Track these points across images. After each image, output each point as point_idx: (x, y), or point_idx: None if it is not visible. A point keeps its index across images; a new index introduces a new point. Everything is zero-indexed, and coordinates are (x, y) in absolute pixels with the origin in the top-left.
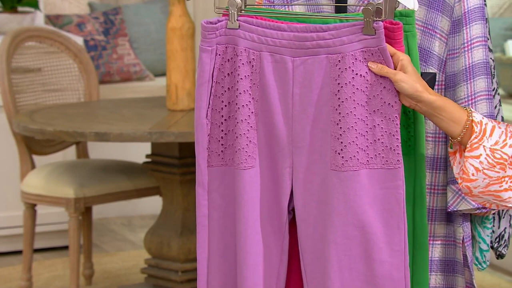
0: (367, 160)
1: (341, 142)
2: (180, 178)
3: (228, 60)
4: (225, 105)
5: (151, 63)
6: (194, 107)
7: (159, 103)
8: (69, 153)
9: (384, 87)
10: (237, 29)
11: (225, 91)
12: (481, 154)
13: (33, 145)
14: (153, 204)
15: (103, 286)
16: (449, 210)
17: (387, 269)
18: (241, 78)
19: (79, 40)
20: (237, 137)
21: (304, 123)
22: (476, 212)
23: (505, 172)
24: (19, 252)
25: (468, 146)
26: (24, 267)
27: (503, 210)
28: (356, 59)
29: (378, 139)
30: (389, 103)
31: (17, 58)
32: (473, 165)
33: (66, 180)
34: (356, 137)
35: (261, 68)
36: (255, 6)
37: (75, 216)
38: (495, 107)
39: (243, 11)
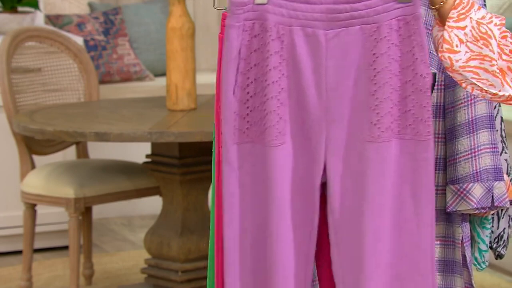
0: (399, 130)
1: (378, 113)
2: (180, 178)
3: (255, 36)
4: (251, 82)
5: (151, 63)
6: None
7: (159, 103)
8: (69, 153)
9: (417, 58)
10: (266, 4)
11: (251, 67)
12: (466, 26)
13: (33, 145)
14: (153, 204)
15: (103, 286)
16: (449, 210)
17: (415, 239)
18: (271, 54)
19: (79, 40)
20: (267, 114)
21: (339, 96)
22: (475, 212)
23: (488, 49)
24: (19, 252)
25: (455, 16)
26: (24, 267)
27: (502, 210)
28: (391, 28)
29: (409, 110)
30: (421, 74)
31: (17, 58)
32: (457, 36)
33: (66, 180)
34: (391, 107)
35: (292, 43)
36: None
37: (75, 216)
38: (494, 107)
39: None
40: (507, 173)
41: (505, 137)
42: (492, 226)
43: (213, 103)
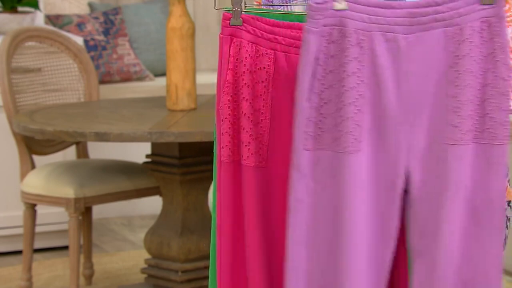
0: (476, 134)
1: (459, 115)
2: (180, 178)
3: (333, 42)
4: (327, 88)
5: (151, 63)
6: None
7: (159, 103)
8: (69, 153)
9: (498, 60)
10: (346, 9)
11: (327, 73)
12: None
13: (33, 145)
14: (153, 204)
15: (103, 286)
16: None
17: (485, 245)
18: (349, 60)
19: (79, 40)
20: (343, 120)
21: (420, 99)
22: None
23: None
24: (19, 252)
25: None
26: (24, 267)
27: None
28: (474, 30)
29: (488, 113)
30: (502, 77)
31: (17, 58)
32: None
33: (66, 180)
34: (472, 109)
35: (372, 48)
36: (254, 6)
37: (75, 216)
38: None
39: (243, 12)
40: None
41: None
42: None
43: (213, 103)
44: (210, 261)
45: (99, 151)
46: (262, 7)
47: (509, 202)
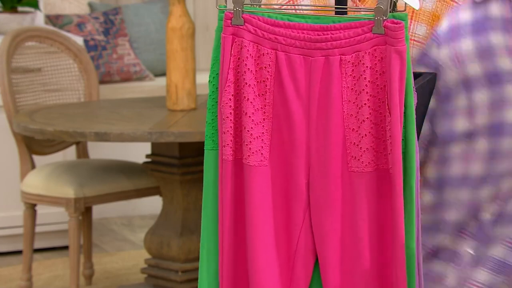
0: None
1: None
2: (180, 178)
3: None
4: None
5: (151, 63)
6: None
7: (159, 103)
8: (69, 153)
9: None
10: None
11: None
12: None
13: (33, 145)
14: (153, 204)
15: (103, 286)
16: None
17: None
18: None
19: (79, 40)
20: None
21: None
22: None
23: None
24: (19, 252)
25: None
26: (24, 267)
27: None
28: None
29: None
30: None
31: (17, 58)
32: None
33: (66, 180)
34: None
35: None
36: (255, 6)
37: (75, 216)
38: None
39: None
40: None
41: None
42: None
43: None
44: (200, 258)
45: (99, 151)
46: (262, 6)
47: None
